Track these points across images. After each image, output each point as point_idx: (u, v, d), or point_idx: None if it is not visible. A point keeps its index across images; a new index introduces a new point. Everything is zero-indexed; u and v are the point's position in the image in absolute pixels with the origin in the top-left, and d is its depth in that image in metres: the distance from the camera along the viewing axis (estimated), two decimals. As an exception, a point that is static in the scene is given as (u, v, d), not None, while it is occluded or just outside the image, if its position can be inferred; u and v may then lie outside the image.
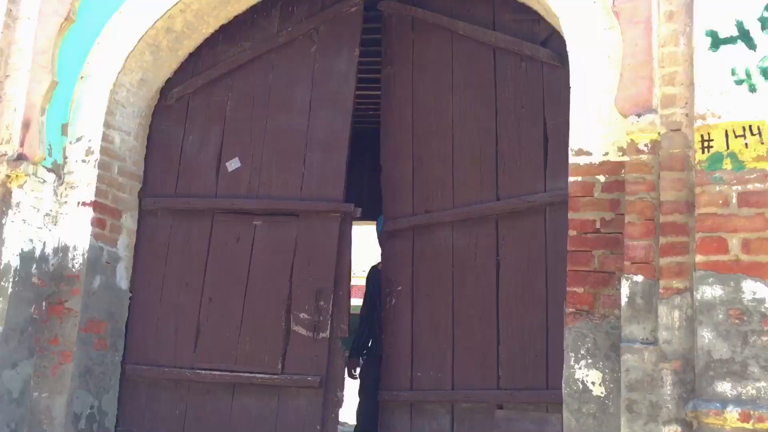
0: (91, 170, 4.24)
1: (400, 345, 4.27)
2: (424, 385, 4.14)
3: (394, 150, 4.57)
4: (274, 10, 4.67)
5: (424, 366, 4.17)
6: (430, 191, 4.34)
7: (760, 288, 2.76)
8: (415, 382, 4.18)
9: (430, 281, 4.24)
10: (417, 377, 4.17)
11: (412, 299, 4.28)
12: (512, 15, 4.13)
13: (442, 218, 4.24)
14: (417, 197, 4.39)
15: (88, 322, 4.17)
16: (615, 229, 3.28)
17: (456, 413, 4.01)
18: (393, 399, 4.26)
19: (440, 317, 4.15)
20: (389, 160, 4.56)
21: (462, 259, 4.14)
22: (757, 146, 2.87)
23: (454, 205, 4.21)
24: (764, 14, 2.96)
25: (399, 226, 4.42)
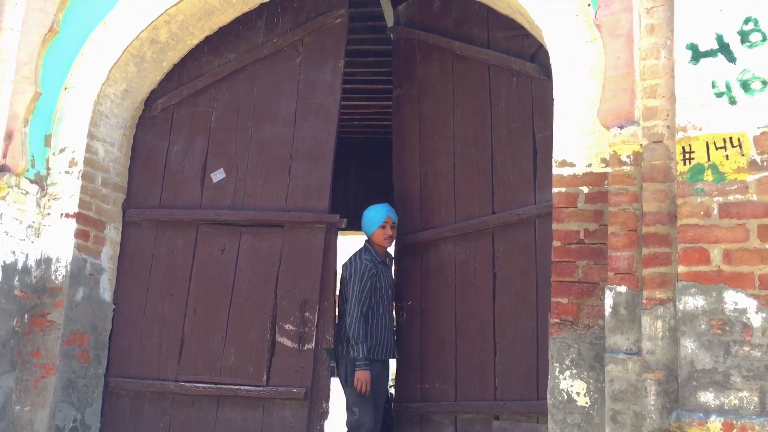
0: (75, 181, 4.22)
1: (411, 358, 4.39)
2: (431, 396, 4.24)
3: (404, 168, 4.72)
4: (260, 22, 4.68)
5: (431, 378, 4.26)
6: (434, 207, 4.46)
7: (742, 298, 2.79)
8: (423, 394, 4.27)
9: (436, 295, 4.34)
10: (425, 389, 4.27)
11: (421, 313, 4.38)
12: (504, 32, 4.21)
13: (445, 233, 4.34)
14: (424, 213, 4.52)
15: (71, 334, 4.14)
16: (599, 239, 3.30)
17: (459, 424, 4.09)
18: (403, 410, 4.39)
19: (444, 330, 4.24)
20: (400, 178, 4.69)
21: (463, 272, 4.23)
22: (738, 158, 2.90)
23: (456, 219, 4.31)
24: (744, 28, 3.00)
25: (408, 241, 4.57)
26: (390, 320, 4.37)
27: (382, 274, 4.34)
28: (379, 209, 4.40)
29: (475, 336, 4.10)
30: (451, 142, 4.44)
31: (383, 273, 4.36)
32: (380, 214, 4.37)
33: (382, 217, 4.36)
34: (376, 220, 4.36)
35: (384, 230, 4.36)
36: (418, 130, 4.65)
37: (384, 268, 4.40)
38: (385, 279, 4.36)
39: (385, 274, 4.38)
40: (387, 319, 4.32)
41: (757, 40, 2.97)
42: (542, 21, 3.56)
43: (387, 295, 4.35)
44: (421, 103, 4.68)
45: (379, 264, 4.36)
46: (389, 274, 4.45)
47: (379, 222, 4.35)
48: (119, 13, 4.32)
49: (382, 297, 4.32)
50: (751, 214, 2.84)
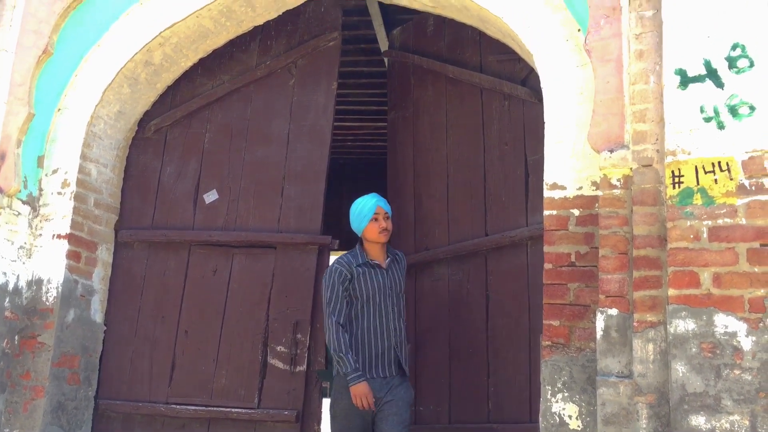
0: (67, 202, 4.21)
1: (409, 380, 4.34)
2: (426, 419, 4.22)
3: (398, 189, 4.73)
4: (253, 44, 4.72)
5: (425, 400, 4.23)
6: (428, 228, 4.47)
7: (732, 322, 2.80)
8: (417, 417, 4.23)
9: (429, 317, 4.33)
10: (419, 411, 4.24)
11: (414, 335, 4.35)
12: (496, 56, 4.26)
13: (439, 255, 4.35)
14: (418, 235, 4.52)
15: (62, 356, 4.11)
16: (590, 262, 3.32)
17: None
18: None
19: (439, 352, 4.24)
20: (394, 200, 4.70)
21: (457, 294, 4.23)
22: (727, 182, 2.93)
23: (449, 241, 4.32)
24: (731, 54, 3.05)
25: None
26: (386, 329, 3.62)
27: (365, 277, 3.64)
28: (366, 201, 3.74)
29: (468, 358, 4.10)
30: (445, 165, 4.47)
31: (368, 275, 3.65)
32: (368, 206, 3.70)
33: (371, 208, 3.70)
34: (365, 213, 3.69)
35: (377, 223, 3.69)
36: (412, 153, 4.68)
37: (370, 269, 3.67)
38: (373, 282, 3.65)
39: (376, 276, 3.67)
40: (380, 328, 3.61)
41: (745, 66, 3.01)
42: (533, 46, 3.60)
43: (377, 300, 3.63)
44: (415, 126, 4.72)
45: (362, 266, 3.66)
46: (385, 275, 3.70)
47: (368, 215, 3.68)
48: (114, 35, 4.34)
49: (369, 303, 3.62)
50: (741, 237, 2.86)
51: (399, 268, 3.79)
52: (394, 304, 3.70)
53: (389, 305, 3.67)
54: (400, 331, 3.69)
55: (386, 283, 3.69)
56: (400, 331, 3.69)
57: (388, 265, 3.72)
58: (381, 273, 3.69)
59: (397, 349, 3.65)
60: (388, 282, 3.70)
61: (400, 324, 3.69)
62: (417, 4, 4.18)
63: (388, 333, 3.63)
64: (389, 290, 3.69)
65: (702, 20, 3.11)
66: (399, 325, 3.69)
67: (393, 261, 3.78)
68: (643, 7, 3.31)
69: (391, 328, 3.65)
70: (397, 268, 3.78)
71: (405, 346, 3.71)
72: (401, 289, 3.77)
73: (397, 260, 3.81)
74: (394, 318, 3.67)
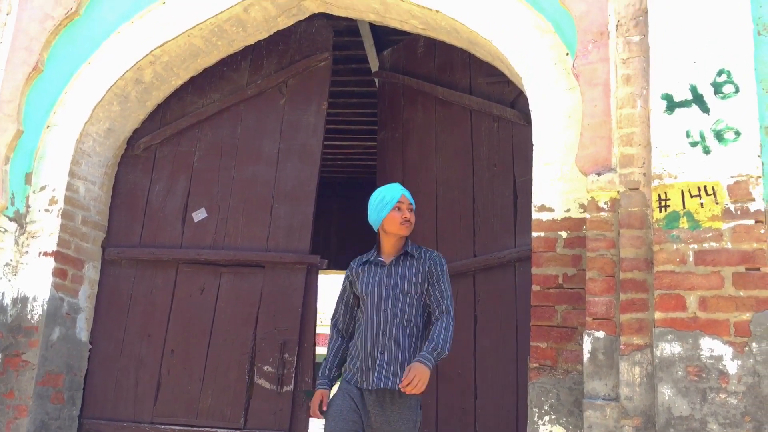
0: (54, 220, 4.19)
1: None
2: None
3: None
4: (244, 63, 4.74)
5: None
6: None
7: (718, 345, 2.82)
8: None
9: None
10: None
11: None
12: (485, 78, 4.31)
13: None
14: None
15: (46, 375, 4.07)
16: (577, 284, 3.33)
17: None
18: None
19: None
20: None
21: None
22: (712, 206, 2.96)
23: None
24: (717, 79, 3.09)
25: None
26: (376, 335, 3.05)
27: (365, 276, 3.17)
28: (390, 188, 3.25)
29: (455, 379, 4.09)
30: (434, 185, 4.49)
31: (368, 274, 3.17)
32: (392, 193, 3.20)
33: (396, 195, 3.18)
34: (388, 200, 3.17)
35: (400, 212, 3.16)
36: (401, 173, 4.70)
37: (372, 267, 3.19)
38: (370, 281, 3.15)
39: (375, 275, 3.16)
40: (371, 334, 3.07)
41: (730, 92, 3.05)
42: (522, 69, 3.64)
43: (373, 301, 3.11)
44: (404, 146, 4.75)
45: (366, 264, 3.21)
46: (387, 273, 3.14)
47: (392, 203, 3.16)
48: (104, 52, 4.35)
49: (366, 305, 3.13)
50: (726, 261, 2.89)
51: (413, 267, 3.14)
52: (393, 305, 3.08)
53: (384, 308, 3.08)
54: (399, 339, 3.03)
55: (386, 283, 3.12)
56: (399, 339, 3.03)
57: (394, 263, 3.16)
58: (382, 271, 3.15)
59: (393, 359, 3.00)
60: (389, 281, 3.12)
61: (398, 330, 3.04)
62: (407, 26, 4.22)
63: (381, 339, 3.03)
64: (388, 290, 3.11)
65: (688, 46, 3.16)
66: (396, 332, 3.04)
67: (404, 258, 3.17)
68: (631, 32, 3.36)
69: (382, 333, 3.04)
70: (411, 267, 3.14)
71: (401, 356, 3.02)
72: (411, 290, 3.10)
73: (411, 257, 3.17)
74: (389, 322, 3.05)
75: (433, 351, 2.92)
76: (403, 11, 4.07)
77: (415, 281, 3.11)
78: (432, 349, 2.93)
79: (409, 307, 3.10)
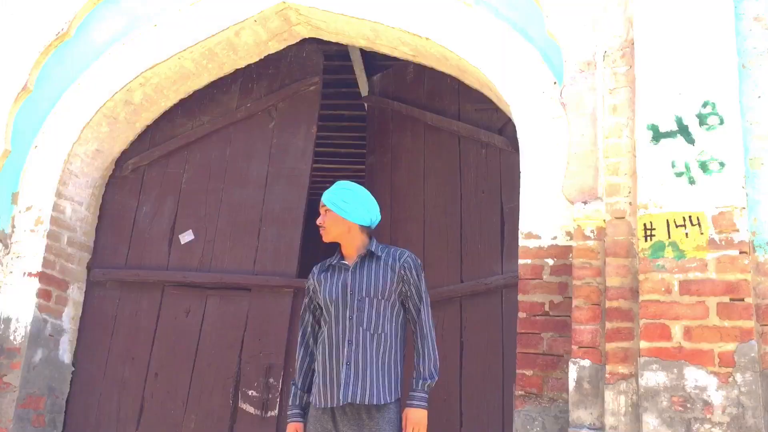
0: (40, 240, 4.16)
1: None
2: None
3: (374, 234, 4.69)
4: (234, 86, 4.75)
5: None
6: None
7: (702, 376, 2.82)
8: None
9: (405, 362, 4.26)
10: None
11: None
12: (474, 105, 4.34)
13: None
14: None
15: (27, 397, 4.02)
16: (563, 312, 3.33)
17: None
18: None
19: None
20: None
21: None
22: (697, 236, 2.98)
23: None
24: (702, 111, 3.12)
25: None
26: (338, 345, 2.76)
27: (325, 282, 2.88)
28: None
29: (441, 406, 4.06)
30: (422, 210, 4.50)
31: (329, 279, 2.88)
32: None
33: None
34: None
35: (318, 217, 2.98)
36: (389, 197, 4.70)
37: (333, 272, 2.90)
38: (332, 286, 2.85)
39: (338, 280, 2.85)
40: (333, 344, 2.77)
41: (715, 123, 3.09)
42: (510, 96, 3.67)
43: (336, 308, 2.80)
44: (393, 171, 4.76)
45: (333, 268, 2.91)
46: (351, 277, 2.84)
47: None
48: (94, 73, 4.35)
49: (327, 313, 2.83)
50: (710, 291, 2.90)
51: (380, 268, 2.85)
52: (359, 311, 2.78)
53: (350, 315, 2.78)
54: (366, 349, 2.74)
55: (350, 288, 2.82)
56: (366, 348, 2.74)
57: (357, 264, 2.86)
58: (345, 275, 2.86)
59: (361, 371, 2.71)
60: (353, 285, 2.82)
61: (365, 338, 2.75)
62: (397, 53, 4.25)
63: (347, 350, 2.74)
64: (353, 295, 2.80)
65: (674, 77, 3.20)
66: (363, 340, 2.74)
67: (369, 258, 2.88)
68: (617, 63, 3.40)
69: (347, 342, 2.74)
70: (377, 268, 2.85)
71: (369, 367, 2.72)
72: (378, 294, 2.80)
73: (377, 258, 2.88)
74: (355, 330, 2.76)
75: (423, 385, 2.74)
76: (393, 38, 4.10)
77: (382, 284, 2.81)
78: (422, 385, 2.74)
79: (377, 312, 2.79)
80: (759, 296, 2.93)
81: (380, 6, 3.97)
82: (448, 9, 3.85)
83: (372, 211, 2.98)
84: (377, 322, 2.79)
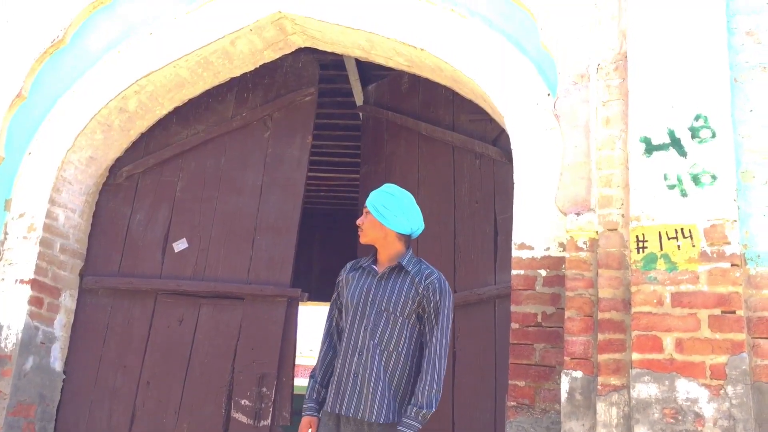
0: (32, 247, 4.15)
1: None
2: None
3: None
4: (230, 95, 4.76)
5: None
6: None
7: (694, 388, 2.83)
8: None
9: None
10: None
11: None
12: (468, 116, 4.37)
13: None
14: None
15: (18, 405, 4.00)
16: (556, 323, 3.34)
17: None
18: None
19: None
20: (365, 254, 4.66)
21: None
22: (689, 249, 2.99)
23: None
24: (694, 124, 3.15)
25: None
26: (350, 354, 2.71)
27: (352, 282, 2.83)
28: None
29: (433, 415, 4.03)
30: None
31: (356, 280, 2.83)
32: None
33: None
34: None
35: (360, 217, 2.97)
36: None
37: (362, 273, 2.85)
38: (356, 288, 2.80)
39: (364, 283, 2.80)
40: (348, 350, 2.72)
41: (707, 137, 3.11)
42: (504, 108, 3.69)
43: (356, 312, 2.75)
44: (387, 180, 4.76)
45: (363, 270, 2.86)
46: (377, 284, 2.78)
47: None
48: (89, 81, 4.35)
49: (348, 315, 2.78)
50: (702, 304, 2.91)
51: (405, 284, 2.75)
52: (375, 324, 2.71)
53: (366, 325, 2.72)
54: (375, 364, 2.66)
55: (372, 296, 2.76)
56: (374, 363, 2.66)
57: (386, 274, 2.79)
58: (371, 282, 2.79)
59: (366, 385, 2.64)
60: (376, 295, 2.75)
61: (374, 353, 2.67)
62: (392, 63, 4.27)
63: (357, 360, 2.69)
64: (373, 305, 2.73)
65: (667, 91, 3.22)
66: (373, 355, 2.67)
67: (398, 271, 2.80)
68: (611, 76, 3.42)
69: (358, 353, 2.70)
70: (402, 283, 2.76)
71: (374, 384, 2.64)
72: (397, 310, 2.71)
73: (405, 272, 2.79)
74: (367, 342, 2.69)
75: (417, 414, 2.60)
76: (388, 48, 4.12)
77: (404, 301, 2.72)
78: (416, 413, 2.60)
79: (391, 329, 2.70)
80: (750, 309, 2.95)
81: (375, 17, 3.99)
82: (443, 20, 3.88)
83: (413, 220, 2.87)
84: (389, 340, 2.71)
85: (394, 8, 3.97)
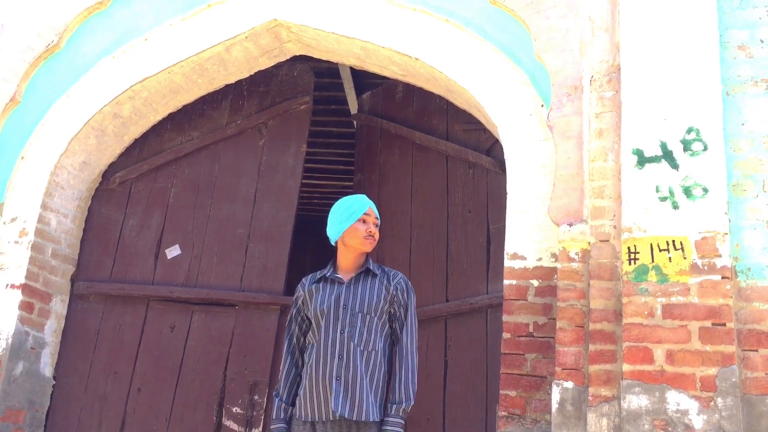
0: (24, 252, 4.14)
1: None
2: None
3: None
4: (225, 102, 4.77)
5: None
6: None
7: (684, 399, 2.84)
8: None
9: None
10: None
11: None
12: (462, 125, 4.38)
13: None
14: None
15: (7, 410, 3.98)
16: (547, 333, 3.34)
17: None
18: None
19: None
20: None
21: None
22: (680, 261, 3.01)
23: None
24: (686, 137, 3.17)
25: None
26: (329, 359, 2.76)
27: (317, 294, 2.89)
28: (357, 198, 2.99)
29: (425, 425, 4.06)
30: (409, 229, 4.52)
31: (322, 291, 2.89)
32: (359, 203, 2.95)
33: (362, 207, 2.94)
34: (354, 210, 2.92)
35: (365, 225, 2.92)
36: None
37: (326, 284, 2.91)
38: (324, 299, 2.86)
39: (331, 293, 2.87)
40: (323, 357, 2.77)
41: (699, 149, 3.13)
42: (498, 118, 3.70)
43: (328, 321, 2.81)
44: (380, 189, 4.78)
45: (320, 281, 2.93)
46: (345, 291, 2.87)
47: (357, 214, 2.92)
48: (83, 86, 4.35)
49: (318, 325, 2.83)
50: (693, 316, 2.93)
51: (375, 286, 2.88)
52: (351, 327, 2.79)
53: (341, 329, 2.79)
54: (357, 365, 2.74)
55: (344, 302, 2.84)
56: (357, 364, 2.74)
57: (353, 280, 2.89)
58: (339, 289, 2.87)
59: (351, 386, 2.72)
60: (347, 300, 2.84)
61: (355, 354, 2.75)
62: (387, 72, 4.29)
63: (338, 364, 2.75)
64: (346, 310, 2.82)
65: (659, 103, 3.24)
66: (354, 355, 2.75)
67: (365, 275, 2.91)
68: (604, 88, 3.44)
69: (338, 356, 2.75)
70: (372, 285, 2.88)
71: (358, 384, 2.73)
72: (371, 311, 2.82)
73: (373, 275, 2.92)
74: (346, 345, 2.76)
75: (398, 410, 2.74)
76: (383, 57, 4.13)
77: (377, 302, 2.84)
78: (396, 409, 2.74)
79: (368, 329, 2.81)
80: (740, 321, 2.96)
81: (371, 26, 4.01)
82: (437, 30, 3.90)
83: None
84: (368, 339, 2.82)
85: (389, 18, 3.99)
